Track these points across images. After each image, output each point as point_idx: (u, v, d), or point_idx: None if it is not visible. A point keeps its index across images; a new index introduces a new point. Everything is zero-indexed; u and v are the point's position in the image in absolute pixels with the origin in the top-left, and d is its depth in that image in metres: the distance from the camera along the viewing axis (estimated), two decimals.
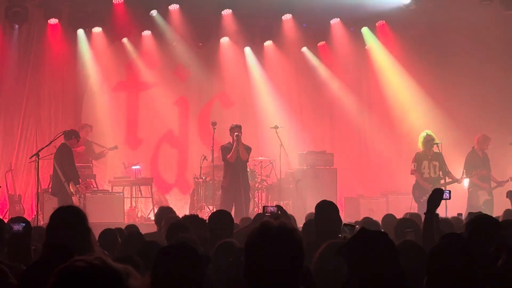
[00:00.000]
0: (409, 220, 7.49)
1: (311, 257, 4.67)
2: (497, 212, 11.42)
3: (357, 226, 8.04)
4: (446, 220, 8.01)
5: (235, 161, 14.00)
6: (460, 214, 9.85)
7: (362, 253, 3.50)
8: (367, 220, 8.65)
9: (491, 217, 5.47)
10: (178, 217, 8.13)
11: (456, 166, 14.78)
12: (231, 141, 14.16)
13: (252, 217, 9.17)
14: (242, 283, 4.17)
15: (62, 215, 4.82)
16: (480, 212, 8.89)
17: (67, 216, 4.77)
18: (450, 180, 14.05)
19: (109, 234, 7.10)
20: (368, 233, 3.66)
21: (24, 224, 5.67)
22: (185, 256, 3.88)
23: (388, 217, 8.97)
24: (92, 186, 15.04)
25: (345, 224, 5.60)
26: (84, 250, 4.58)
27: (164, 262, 3.83)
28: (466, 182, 14.53)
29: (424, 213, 5.74)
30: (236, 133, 14.01)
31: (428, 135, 14.01)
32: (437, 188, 5.81)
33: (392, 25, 18.70)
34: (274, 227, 3.14)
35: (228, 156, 14.02)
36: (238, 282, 4.39)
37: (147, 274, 2.38)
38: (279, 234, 3.11)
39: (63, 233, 4.62)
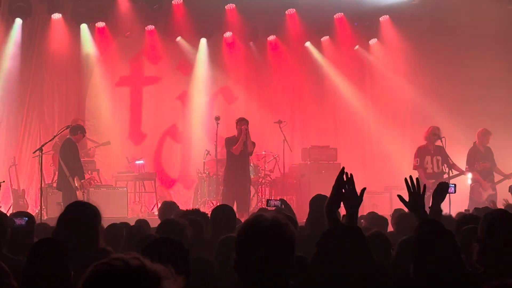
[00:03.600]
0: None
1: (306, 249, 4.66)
2: (500, 207, 11.38)
3: (362, 220, 8.05)
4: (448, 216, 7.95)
5: (239, 154, 13.96)
6: (467, 210, 9.83)
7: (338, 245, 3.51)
8: (373, 215, 8.60)
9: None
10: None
11: (459, 161, 14.73)
12: (236, 134, 14.12)
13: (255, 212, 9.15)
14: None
15: (75, 211, 4.85)
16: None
17: (79, 214, 4.80)
18: (457, 172, 14.00)
19: (115, 229, 7.09)
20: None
21: (27, 218, 5.67)
22: (167, 249, 3.90)
23: (398, 212, 8.92)
24: (96, 181, 15.04)
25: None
26: (90, 249, 4.59)
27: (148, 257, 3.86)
28: (469, 176, 14.49)
29: (429, 207, 5.71)
30: (244, 126, 13.95)
31: (436, 129, 13.97)
32: (442, 182, 5.78)
33: (395, 20, 18.66)
34: (265, 221, 3.11)
35: (234, 148, 13.96)
36: None
37: (182, 277, 2.37)
38: (270, 227, 3.08)
39: (71, 229, 4.65)
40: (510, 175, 14.50)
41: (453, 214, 9.37)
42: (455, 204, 11.74)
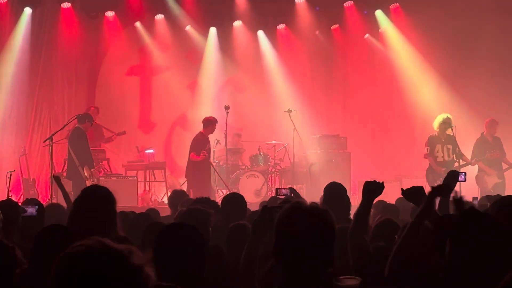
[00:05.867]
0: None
1: None
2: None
3: (371, 209, 8.01)
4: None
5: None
6: (475, 198, 9.77)
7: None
8: (383, 203, 8.56)
9: None
10: (191, 200, 8.12)
11: (468, 150, 14.69)
12: (205, 132, 14.60)
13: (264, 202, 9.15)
14: (257, 265, 4.16)
15: (94, 194, 4.86)
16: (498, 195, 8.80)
17: (99, 196, 4.81)
18: (464, 162, 13.97)
19: (124, 217, 7.10)
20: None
21: (37, 207, 5.69)
22: (184, 234, 3.89)
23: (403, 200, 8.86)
24: (106, 170, 15.06)
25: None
26: (109, 233, 4.59)
27: (164, 241, 3.85)
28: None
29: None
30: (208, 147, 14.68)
31: (448, 118, 13.90)
32: (452, 170, 5.75)
33: (405, 8, 18.58)
34: (307, 207, 3.13)
35: (198, 156, 14.54)
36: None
37: (148, 251, 2.37)
38: (313, 214, 3.10)
39: (92, 212, 4.66)
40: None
41: None
42: (465, 193, 11.69)
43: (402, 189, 4.87)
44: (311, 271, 3.04)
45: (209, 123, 14.65)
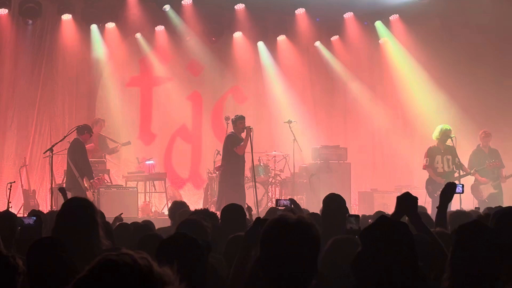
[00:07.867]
0: (423, 214, 7.40)
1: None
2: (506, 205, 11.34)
3: (369, 220, 8.03)
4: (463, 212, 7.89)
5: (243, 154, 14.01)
6: (477, 208, 9.78)
7: (380, 241, 3.48)
8: (380, 214, 8.56)
9: None
10: (189, 211, 8.11)
11: (468, 161, 14.71)
12: (235, 131, 14.08)
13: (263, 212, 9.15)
14: (254, 277, 4.15)
15: (72, 206, 4.93)
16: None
17: (77, 208, 4.88)
18: (464, 173, 13.98)
19: (124, 229, 7.09)
20: (388, 221, 3.67)
21: (35, 218, 5.68)
22: (185, 246, 3.88)
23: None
24: (105, 181, 15.07)
25: (349, 215, 5.61)
26: (91, 244, 4.64)
27: (164, 253, 3.83)
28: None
29: (437, 207, 5.71)
30: (249, 126, 13.97)
31: (447, 129, 13.93)
32: (449, 182, 5.76)
33: (405, 19, 18.62)
34: (292, 220, 3.12)
35: (239, 148, 13.92)
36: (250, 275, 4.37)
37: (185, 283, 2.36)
38: (297, 227, 3.10)
39: (71, 224, 4.73)
40: (504, 178, 14.48)
41: None
42: (466, 204, 11.70)
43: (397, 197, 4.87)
44: (295, 283, 3.04)
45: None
